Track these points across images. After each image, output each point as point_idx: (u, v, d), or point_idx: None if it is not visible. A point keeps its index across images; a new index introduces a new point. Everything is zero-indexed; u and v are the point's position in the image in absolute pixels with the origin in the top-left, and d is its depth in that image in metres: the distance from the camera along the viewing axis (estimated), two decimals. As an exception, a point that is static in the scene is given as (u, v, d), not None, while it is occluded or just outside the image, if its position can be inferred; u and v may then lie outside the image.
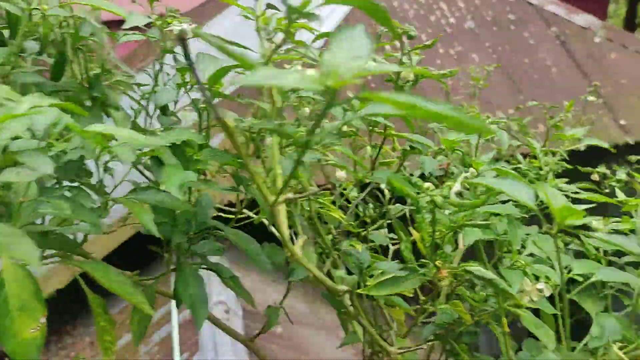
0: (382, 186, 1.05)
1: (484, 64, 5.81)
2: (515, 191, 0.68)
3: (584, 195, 1.06)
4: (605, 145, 1.52)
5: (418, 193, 0.78)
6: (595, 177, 1.57)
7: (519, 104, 5.57)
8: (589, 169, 1.65)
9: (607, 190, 1.53)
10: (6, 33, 0.81)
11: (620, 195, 1.19)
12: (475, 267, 0.81)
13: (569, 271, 0.94)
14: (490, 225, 0.84)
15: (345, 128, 0.97)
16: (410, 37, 1.01)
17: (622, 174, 1.48)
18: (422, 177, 1.06)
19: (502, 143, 1.25)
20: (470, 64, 5.79)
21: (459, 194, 0.77)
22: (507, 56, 5.83)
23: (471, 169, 0.84)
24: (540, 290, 0.85)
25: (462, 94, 5.12)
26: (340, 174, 1.02)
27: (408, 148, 1.06)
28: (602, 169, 1.53)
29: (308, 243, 0.86)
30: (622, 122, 5.56)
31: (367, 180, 1.00)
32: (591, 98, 1.83)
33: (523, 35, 5.94)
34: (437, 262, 0.81)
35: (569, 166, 1.52)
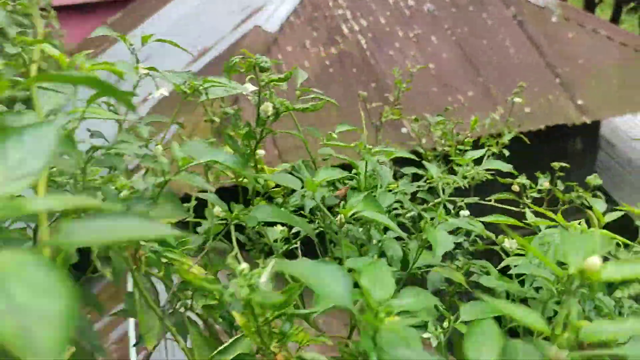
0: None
1: (442, 46, 5.74)
2: (326, 286, 0.52)
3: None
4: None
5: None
6: (515, 187, 1.51)
7: (478, 86, 5.53)
8: (508, 179, 1.58)
9: (528, 201, 1.46)
10: None
11: (530, 216, 1.13)
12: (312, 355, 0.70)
13: (456, 319, 0.82)
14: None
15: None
16: (262, 70, 0.98)
17: (544, 183, 1.42)
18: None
19: (383, 178, 1.17)
20: (429, 47, 5.70)
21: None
22: (466, 38, 5.76)
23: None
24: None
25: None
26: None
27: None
28: (522, 179, 1.47)
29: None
30: (579, 102, 5.58)
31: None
32: (517, 99, 1.78)
33: (482, 16, 5.88)
34: (273, 347, 0.69)
35: (489, 176, 1.45)
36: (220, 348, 0.74)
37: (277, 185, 1.05)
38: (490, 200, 1.46)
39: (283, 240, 1.09)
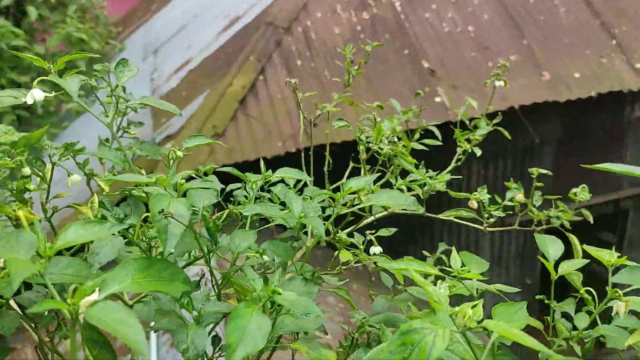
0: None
1: (483, 6, 5.34)
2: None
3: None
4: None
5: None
6: (472, 204, 1.30)
7: (522, 50, 5.12)
8: (461, 194, 1.38)
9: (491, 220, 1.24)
10: None
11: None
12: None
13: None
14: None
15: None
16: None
17: (518, 196, 1.23)
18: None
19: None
20: (469, 7, 5.32)
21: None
22: (509, -4, 5.33)
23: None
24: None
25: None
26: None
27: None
28: (482, 193, 1.25)
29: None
30: (637, 65, 5.08)
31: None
32: (498, 83, 1.54)
33: (526, -28, 5.41)
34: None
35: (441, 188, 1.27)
36: None
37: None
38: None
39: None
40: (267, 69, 4.89)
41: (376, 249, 1.16)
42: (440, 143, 1.34)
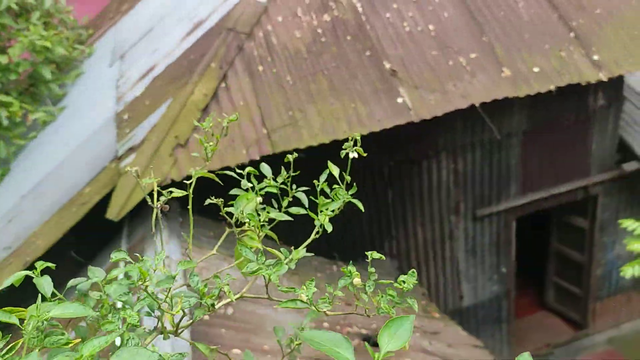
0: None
1: (444, 3, 5.36)
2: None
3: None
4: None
5: None
6: (302, 297, 1.30)
7: (482, 47, 5.16)
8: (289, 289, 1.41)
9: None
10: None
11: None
12: None
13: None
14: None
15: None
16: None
17: (355, 279, 1.28)
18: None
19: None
20: (429, 5, 5.34)
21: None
22: (468, -6, 5.36)
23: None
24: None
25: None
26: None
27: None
28: (309, 288, 1.27)
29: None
30: (595, 57, 5.15)
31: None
32: (352, 155, 1.56)
33: (482, -31, 5.44)
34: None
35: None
36: None
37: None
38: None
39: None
40: (229, 76, 4.88)
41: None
42: (304, 212, 1.36)
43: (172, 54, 5.82)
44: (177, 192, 1.23)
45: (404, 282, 1.22)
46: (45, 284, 1.08)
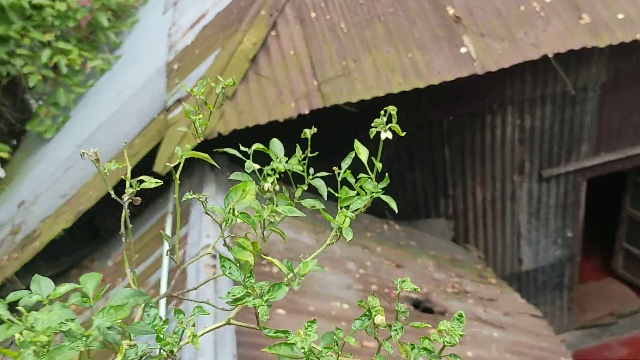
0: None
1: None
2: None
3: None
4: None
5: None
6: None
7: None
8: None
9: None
10: None
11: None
12: None
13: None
14: None
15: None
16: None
17: None
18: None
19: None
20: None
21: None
22: None
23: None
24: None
25: None
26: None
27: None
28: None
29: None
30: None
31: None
32: (385, 135, 1.16)
33: None
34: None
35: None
36: None
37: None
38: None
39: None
40: (279, 23, 4.61)
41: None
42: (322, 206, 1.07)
43: (222, 1, 5.59)
44: (149, 183, 1.02)
45: (446, 332, 0.88)
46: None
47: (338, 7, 4.67)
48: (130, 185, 0.98)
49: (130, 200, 0.98)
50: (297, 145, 1.11)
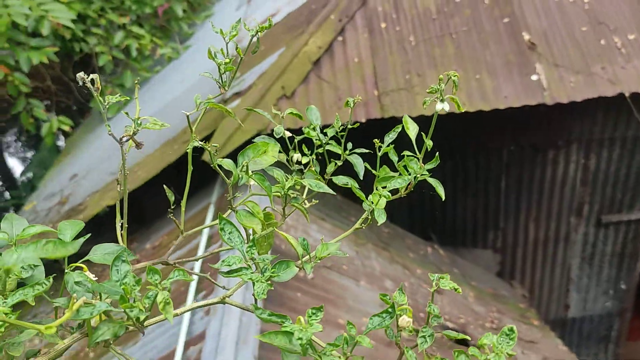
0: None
1: (607, -27, 4.61)
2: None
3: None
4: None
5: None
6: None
7: (646, 28, 4.38)
8: None
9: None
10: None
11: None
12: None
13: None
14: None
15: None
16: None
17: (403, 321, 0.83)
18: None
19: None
20: (588, -27, 4.62)
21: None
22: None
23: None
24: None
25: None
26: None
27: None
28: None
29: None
30: None
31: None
32: (440, 106, 1.01)
33: None
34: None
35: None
36: None
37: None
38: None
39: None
40: (347, 30, 4.55)
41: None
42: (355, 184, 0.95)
43: (295, 1, 5.58)
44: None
45: (489, 347, 0.76)
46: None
47: (410, 20, 4.57)
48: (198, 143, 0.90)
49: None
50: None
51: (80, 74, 0.79)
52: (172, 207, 0.89)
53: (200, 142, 0.86)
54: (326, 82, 4.32)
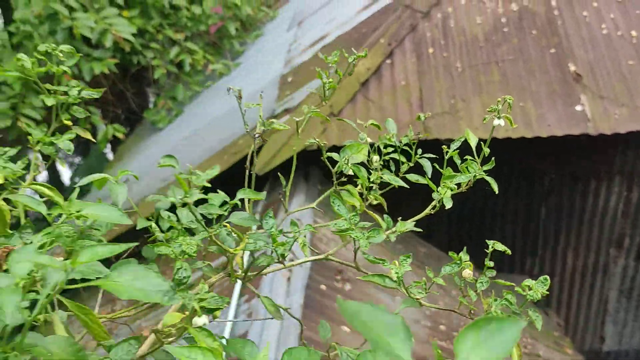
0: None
1: (656, 9, 4.67)
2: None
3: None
4: None
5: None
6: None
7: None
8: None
9: None
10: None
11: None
12: None
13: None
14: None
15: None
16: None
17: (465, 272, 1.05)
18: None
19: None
20: (637, 9, 4.69)
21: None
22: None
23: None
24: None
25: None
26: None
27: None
28: (404, 265, 1.05)
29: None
30: None
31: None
32: (497, 122, 1.18)
33: None
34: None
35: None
36: None
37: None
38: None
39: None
40: (396, 53, 4.72)
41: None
42: (424, 182, 1.12)
43: (345, 25, 5.80)
44: (279, 125, 1.13)
45: (529, 287, 1.00)
46: (120, 192, 1.05)
47: (457, 47, 4.72)
48: (262, 124, 1.09)
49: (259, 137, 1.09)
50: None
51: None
52: (284, 189, 1.10)
53: (315, 140, 1.05)
54: (373, 103, 4.49)
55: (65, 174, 15.80)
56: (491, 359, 0.44)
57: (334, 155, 1.10)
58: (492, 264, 1.03)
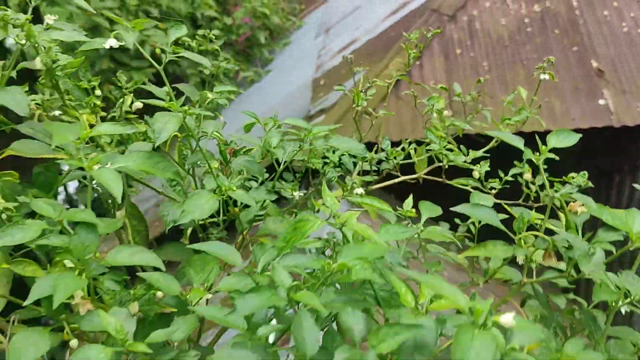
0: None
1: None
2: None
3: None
4: None
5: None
6: (475, 174, 1.33)
7: None
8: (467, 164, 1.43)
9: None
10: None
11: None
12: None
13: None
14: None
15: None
16: None
17: (526, 175, 1.26)
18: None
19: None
20: (656, 6, 4.87)
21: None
22: None
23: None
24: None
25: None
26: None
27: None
28: (484, 166, 1.27)
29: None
30: None
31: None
32: (544, 77, 1.47)
33: None
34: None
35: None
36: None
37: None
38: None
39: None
40: (424, 55, 4.97)
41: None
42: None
43: (373, 31, 6.07)
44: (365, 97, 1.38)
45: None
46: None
47: (484, 47, 4.95)
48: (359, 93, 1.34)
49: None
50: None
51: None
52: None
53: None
54: (403, 101, 4.73)
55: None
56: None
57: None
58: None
